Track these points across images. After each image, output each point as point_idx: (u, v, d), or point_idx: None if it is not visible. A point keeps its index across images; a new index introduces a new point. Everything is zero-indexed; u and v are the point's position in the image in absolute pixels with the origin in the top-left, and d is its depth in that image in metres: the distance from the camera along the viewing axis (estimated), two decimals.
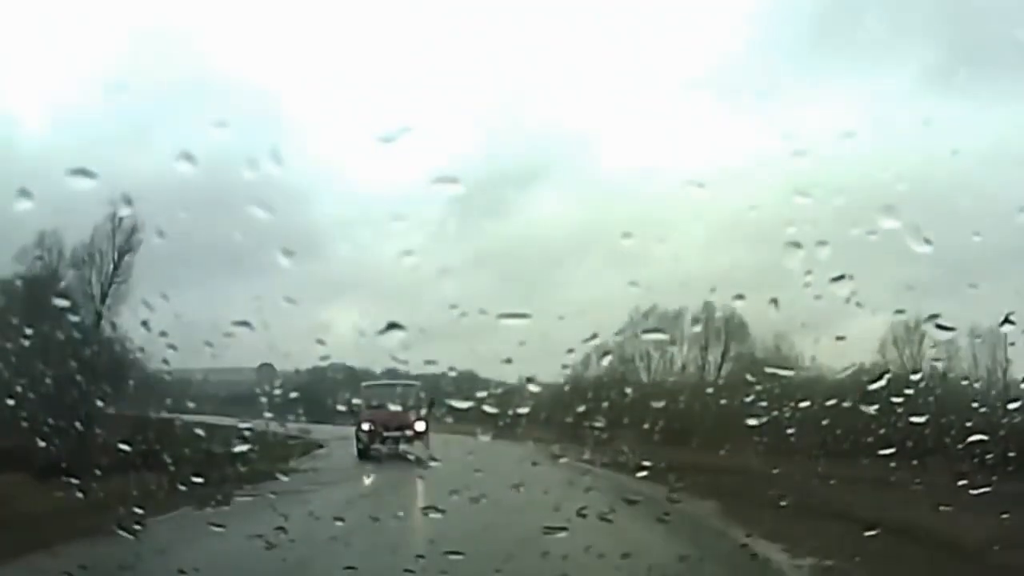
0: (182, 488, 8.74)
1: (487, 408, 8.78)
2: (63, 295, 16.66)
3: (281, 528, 7.05)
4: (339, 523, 7.93)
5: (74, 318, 13.94)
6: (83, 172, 6.93)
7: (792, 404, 9.02)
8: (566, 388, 12.71)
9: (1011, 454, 8.53)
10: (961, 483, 7.74)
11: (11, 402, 10.17)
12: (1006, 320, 6.86)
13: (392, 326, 6.26)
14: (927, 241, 6.61)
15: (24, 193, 7.03)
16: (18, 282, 17.07)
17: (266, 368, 15.80)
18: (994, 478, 7.81)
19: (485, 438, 8.71)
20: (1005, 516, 7.37)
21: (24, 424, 10.50)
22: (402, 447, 19.94)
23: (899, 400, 8.55)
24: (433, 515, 7.65)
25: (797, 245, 6.47)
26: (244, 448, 10.35)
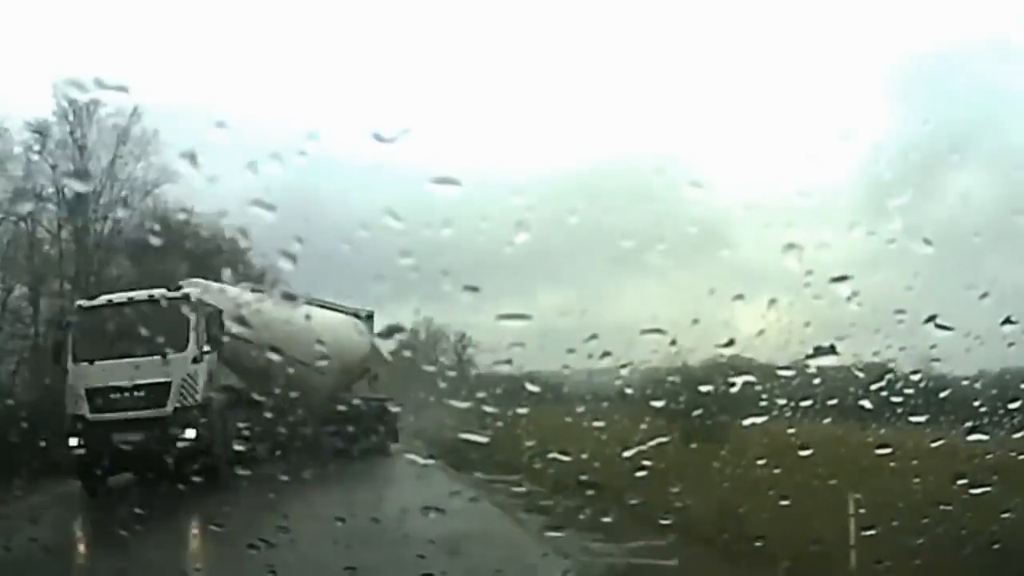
0: None
1: (486, 408, 8.78)
2: None
3: None
4: None
5: None
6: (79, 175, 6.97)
7: (793, 404, 9.02)
8: (565, 389, 12.68)
9: (1012, 453, 8.52)
10: (961, 482, 7.74)
11: None
12: (1007, 320, 6.86)
13: (392, 328, 6.26)
14: (927, 242, 6.64)
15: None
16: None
17: None
18: (995, 477, 7.80)
19: None
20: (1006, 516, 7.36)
21: None
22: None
23: (899, 400, 8.57)
24: None
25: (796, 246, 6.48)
26: None
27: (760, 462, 9.66)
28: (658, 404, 10.17)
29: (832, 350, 6.94)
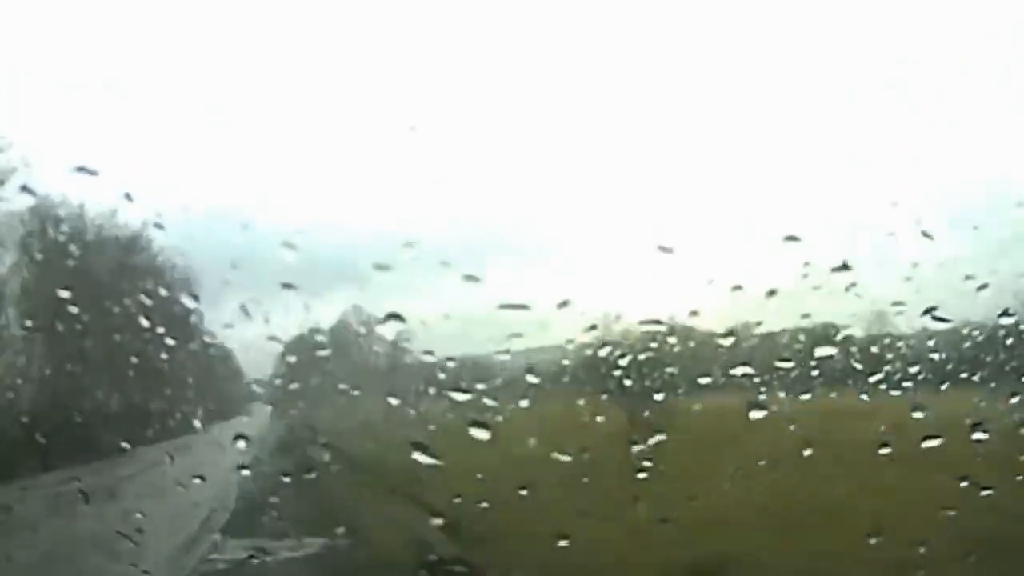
0: None
1: (486, 400, 8.75)
2: None
3: None
4: None
5: None
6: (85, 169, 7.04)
7: (792, 397, 9.01)
8: (565, 379, 12.60)
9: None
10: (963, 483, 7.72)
11: None
12: (1004, 313, 6.87)
13: (392, 317, 6.27)
14: (926, 235, 6.66)
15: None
16: None
17: None
18: (996, 475, 7.78)
19: None
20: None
21: None
22: None
23: (897, 394, 8.57)
24: None
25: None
26: None
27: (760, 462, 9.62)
28: (659, 397, 10.14)
29: (832, 341, 6.96)
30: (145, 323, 10.43)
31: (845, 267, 6.44)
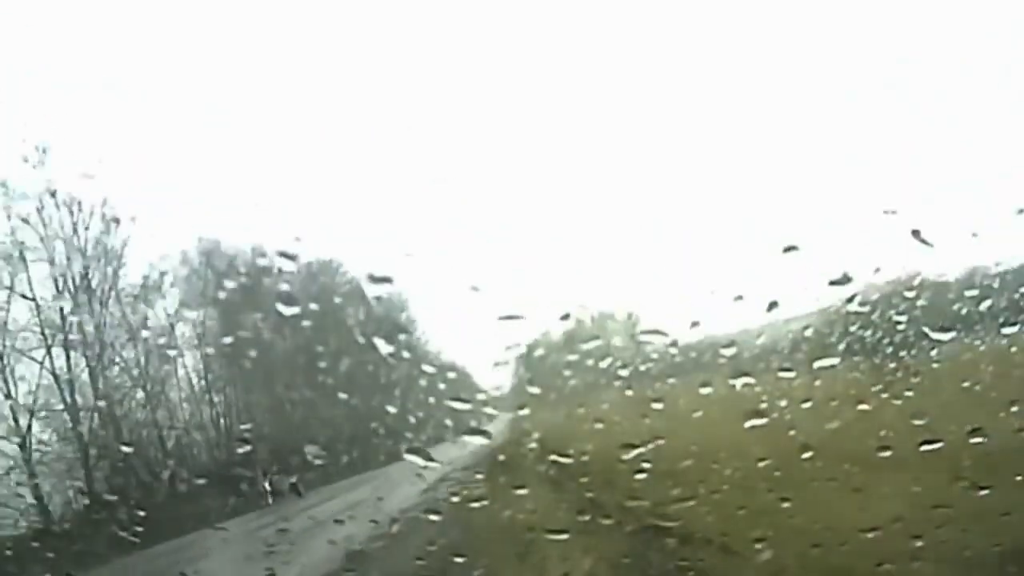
0: None
1: (487, 410, 8.77)
2: None
3: None
4: None
5: None
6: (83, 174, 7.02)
7: (794, 406, 9.01)
8: (565, 391, 12.55)
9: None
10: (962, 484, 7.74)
11: None
12: (1005, 322, 6.87)
13: (397, 327, 6.26)
14: (926, 242, 6.66)
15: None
16: None
17: None
18: (995, 478, 7.80)
19: None
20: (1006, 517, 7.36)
21: None
22: None
23: (899, 403, 8.57)
24: None
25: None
26: None
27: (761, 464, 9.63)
28: (658, 406, 10.16)
29: (834, 351, 6.95)
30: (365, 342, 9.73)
31: (847, 279, 6.43)
